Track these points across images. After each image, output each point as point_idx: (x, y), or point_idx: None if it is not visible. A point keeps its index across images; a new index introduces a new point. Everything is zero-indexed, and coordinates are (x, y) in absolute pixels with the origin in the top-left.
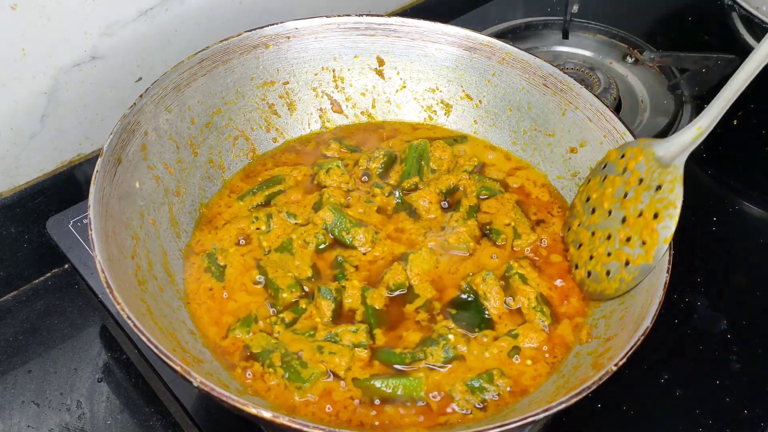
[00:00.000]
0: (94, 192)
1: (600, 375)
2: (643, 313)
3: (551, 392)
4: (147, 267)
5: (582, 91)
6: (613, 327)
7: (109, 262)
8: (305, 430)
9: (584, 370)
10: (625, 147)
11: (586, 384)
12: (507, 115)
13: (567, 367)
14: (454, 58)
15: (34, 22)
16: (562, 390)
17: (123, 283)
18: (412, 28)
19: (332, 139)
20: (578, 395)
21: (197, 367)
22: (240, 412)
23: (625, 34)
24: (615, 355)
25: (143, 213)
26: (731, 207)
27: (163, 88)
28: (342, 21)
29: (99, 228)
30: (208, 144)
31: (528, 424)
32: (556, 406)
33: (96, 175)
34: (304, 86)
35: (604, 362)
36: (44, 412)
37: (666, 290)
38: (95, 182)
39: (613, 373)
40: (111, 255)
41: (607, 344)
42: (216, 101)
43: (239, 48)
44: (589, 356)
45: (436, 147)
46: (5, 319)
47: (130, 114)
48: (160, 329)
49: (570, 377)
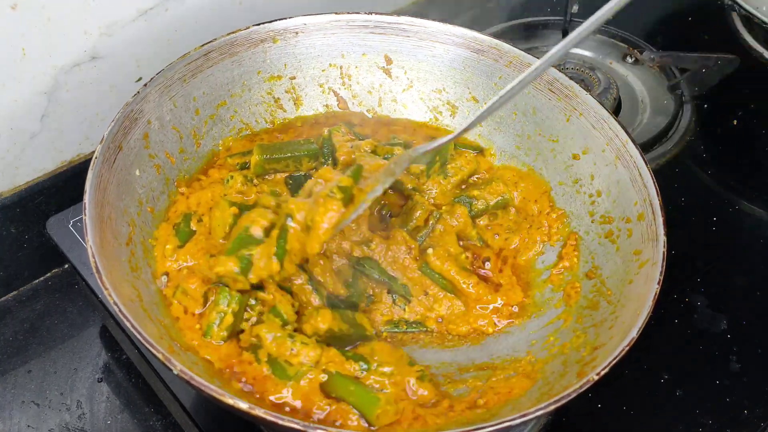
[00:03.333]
0: (92, 178)
1: (581, 384)
2: (631, 323)
3: (536, 398)
4: (142, 254)
5: (587, 98)
6: (602, 336)
7: (101, 248)
8: (306, 430)
9: (569, 378)
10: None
11: (567, 392)
12: (512, 118)
13: (553, 374)
14: (462, 60)
15: (34, 22)
16: (545, 396)
17: (114, 269)
18: (421, 28)
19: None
20: (557, 402)
21: (184, 356)
22: (219, 403)
23: (625, 34)
24: (599, 364)
25: (142, 201)
26: (731, 207)
27: (168, 78)
28: (351, 18)
29: (94, 213)
30: (211, 135)
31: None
32: (533, 413)
33: (95, 161)
34: (311, 82)
35: (588, 371)
36: (44, 412)
37: (655, 302)
38: (93, 168)
39: (595, 382)
40: (104, 241)
41: (594, 353)
42: (221, 93)
43: (247, 41)
44: (576, 364)
45: (461, 154)
46: (5, 319)
47: (134, 102)
48: (149, 317)
49: (555, 384)
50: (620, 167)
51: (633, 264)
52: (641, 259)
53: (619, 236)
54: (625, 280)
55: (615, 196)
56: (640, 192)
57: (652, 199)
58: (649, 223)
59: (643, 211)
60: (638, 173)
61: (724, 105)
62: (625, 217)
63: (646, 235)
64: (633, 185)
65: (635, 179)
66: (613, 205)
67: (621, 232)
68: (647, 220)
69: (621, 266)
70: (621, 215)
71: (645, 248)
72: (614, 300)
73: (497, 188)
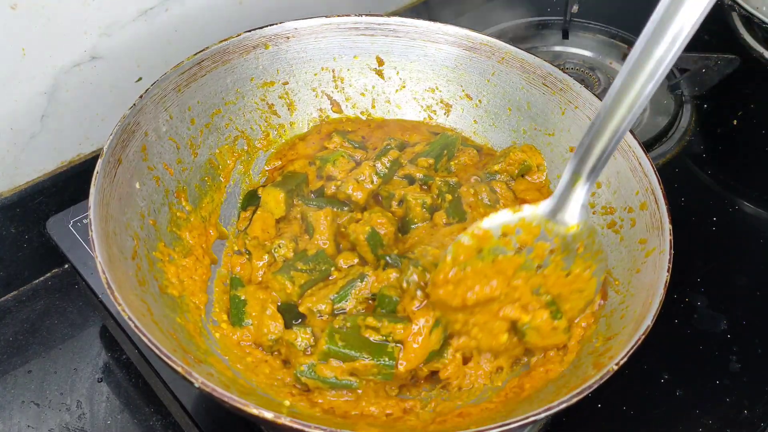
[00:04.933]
0: (94, 193)
1: (601, 374)
2: (644, 311)
3: (552, 392)
4: (147, 267)
5: (582, 91)
6: (614, 326)
7: (110, 263)
8: (307, 430)
9: (585, 370)
10: (500, 226)
11: (588, 383)
12: (507, 114)
13: (568, 366)
14: (454, 58)
15: (34, 22)
16: (563, 390)
17: (124, 283)
18: (412, 28)
19: (335, 132)
20: (579, 395)
21: (198, 367)
22: (242, 413)
23: (625, 34)
24: (616, 354)
25: (143, 214)
26: (731, 207)
27: (162, 88)
28: (341, 21)
29: (99, 229)
30: (208, 144)
31: (528, 424)
32: (557, 406)
33: (96, 176)
34: (304, 86)
35: (605, 361)
36: (44, 412)
37: (666, 289)
38: (95, 183)
39: (614, 372)
40: (112, 256)
41: (607, 343)
42: (216, 102)
43: (239, 48)
44: (590, 356)
45: (464, 151)
46: (5, 319)
47: (130, 115)
48: (160, 330)
49: (571, 377)
50: (619, 157)
51: (639, 253)
52: (647, 247)
53: (622, 226)
54: (633, 269)
55: (615, 186)
56: (641, 181)
57: (654, 188)
58: (653, 211)
59: (646, 200)
60: (638, 163)
61: (724, 105)
62: (627, 207)
63: (651, 224)
64: (633, 175)
65: (635, 169)
66: (613, 195)
67: (624, 222)
68: (650, 208)
69: (626, 256)
70: (623, 205)
71: (650, 237)
72: (623, 290)
73: (516, 157)
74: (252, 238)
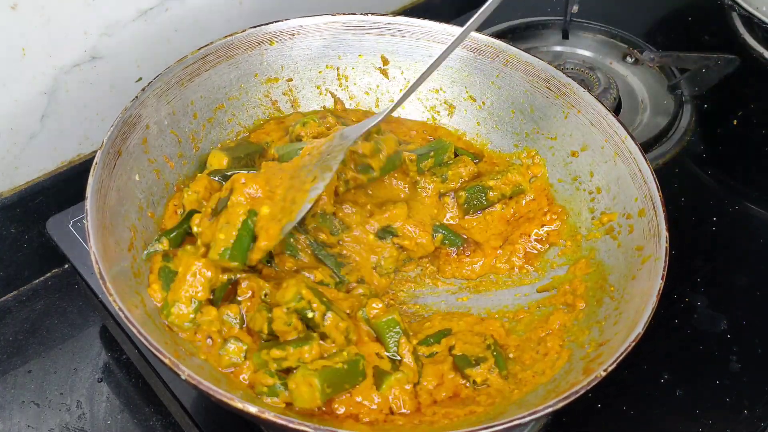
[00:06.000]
0: (93, 183)
1: (588, 380)
2: (636, 318)
3: (542, 395)
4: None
5: (585, 95)
6: (607, 332)
7: (105, 253)
8: (306, 429)
9: (575, 375)
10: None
11: (575, 389)
12: (510, 117)
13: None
14: (459, 59)
15: (34, 22)
16: (552, 394)
17: (118, 274)
18: (417, 28)
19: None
20: (565, 399)
21: (189, 360)
22: (228, 407)
23: (625, 34)
24: (605, 360)
25: (142, 206)
26: (731, 207)
27: (165, 82)
28: (347, 19)
29: (96, 219)
30: (210, 139)
31: (514, 427)
32: (542, 410)
33: (95, 167)
34: (308, 83)
35: (594, 367)
36: (44, 412)
37: (660, 297)
38: (94, 174)
39: (602, 378)
40: (107, 246)
41: (599, 349)
42: (219, 97)
43: (243, 44)
44: (581, 361)
45: (461, 161)
46: (5, 319)
47: (132, 107)
48: (153, 322)
49: (561, 381)
50: (620, 163)
51: (636, 260)
52: (644, 254)
53: (620, 233)
54: (629, 276)
55: (615, 192)
56: (640, 188)
57: (653, 195)
58: (651, 218)
59: (644, 207)
60: (638, 169)
61: (724, 105)
62: (625, 213)
63: (648, 231)
64: (633, 181)
65: (635, 175)
66: (613, 201)
67: (622, 229)
68: (648, 215)
69: (623, 263)
70: (622, 211)
71: (647, 244)
72: (617, 296)
73: (513, 178)
74: (193, 192)
